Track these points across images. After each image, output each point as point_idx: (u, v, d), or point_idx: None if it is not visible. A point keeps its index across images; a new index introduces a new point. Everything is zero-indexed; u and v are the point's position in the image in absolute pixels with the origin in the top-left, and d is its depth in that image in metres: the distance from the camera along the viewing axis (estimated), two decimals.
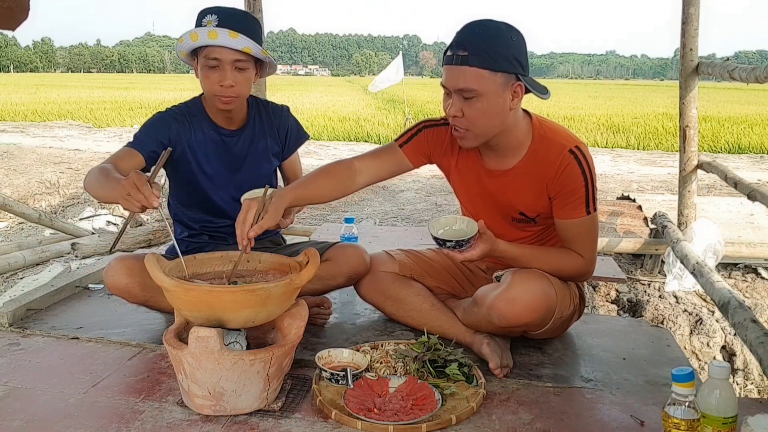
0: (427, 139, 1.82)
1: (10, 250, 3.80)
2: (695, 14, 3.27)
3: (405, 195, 6.25)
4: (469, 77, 1.53)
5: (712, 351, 3.01)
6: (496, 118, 1.59)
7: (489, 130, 1.62)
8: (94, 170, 1.65)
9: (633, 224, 3.93)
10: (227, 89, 1.78)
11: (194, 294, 1.36)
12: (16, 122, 14.40)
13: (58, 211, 5.47)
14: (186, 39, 1.75)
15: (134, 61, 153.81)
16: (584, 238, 1.69)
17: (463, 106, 1.57)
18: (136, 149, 1.78)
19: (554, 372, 1.71)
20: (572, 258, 1.70)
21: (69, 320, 2.04)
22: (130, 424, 1.38)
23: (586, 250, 1.70)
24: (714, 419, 1.18)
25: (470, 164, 1.79)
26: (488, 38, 1.53)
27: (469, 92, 1.54)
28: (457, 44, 1.55)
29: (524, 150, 1.69)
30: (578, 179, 1.63)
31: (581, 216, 1.66)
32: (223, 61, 1.75)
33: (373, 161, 1.81)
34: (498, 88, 1.54)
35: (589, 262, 1.71)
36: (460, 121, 1.60)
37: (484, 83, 1.53)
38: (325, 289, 1.97)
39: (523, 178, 1.70)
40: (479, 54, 1.51)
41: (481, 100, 1.55)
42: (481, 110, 1.56)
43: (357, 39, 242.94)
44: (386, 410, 1.41)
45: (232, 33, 1.72)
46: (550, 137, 1.67)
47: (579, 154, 1.63)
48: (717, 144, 11.74)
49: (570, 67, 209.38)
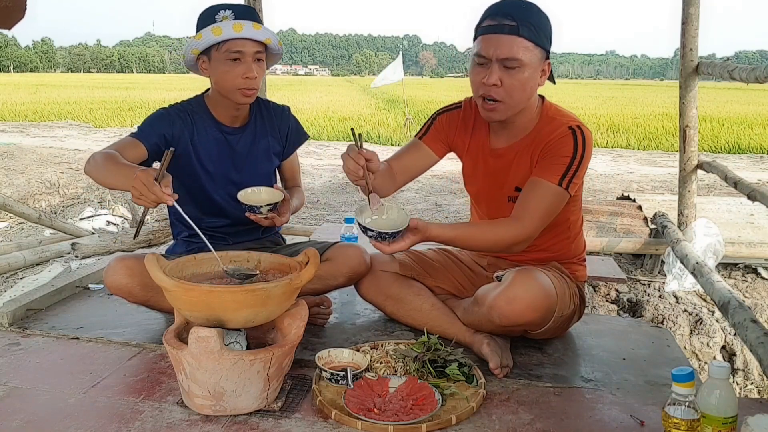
0: (442, 125, 1.87)
1: (10, 250, 3.80)
2: (695, 14, 3.27)
3: (405, 195, 6.25)
4: (517, 47, 1.57)
5: (712, 351, 3.01)
6: (529, 91, 1.64)
7: (520, 103, 1.65)
8: (98, 155, 1.64)
9: (633, 224, 3.93)
10: (252, 81, 1.80)
11: (194, 294, 1.36)
12: (16, 122, 14.41)
13: (58, 211, 5.46)
14: (206, 35, 1.76)
15: (134, 61, 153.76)
16: (537, 205, 1.62)
17: (503, 76, 1.60)
18: (140, 140, 1.79)
19: (554, 372, 1.71)
20: (507, 227, 1.63)
21: (69, 320, 2.04)
22: (130, 424, 1.38)
23: (531, 217, 1.62)
24: (714, 419, 1.18)
25: (478, 145, 1.83)
26: (534, 13, 1.59)
27: (514, 62, 1.58)
28: (504, 14, 1.58)
29: (530, 129, 1.73)
30: (567, 149, 1.63)
31: (550, 181, 1.62)
32: (246, 54, 1.78)
33: (403, 159, 1.87)
34: (536, 61, 1.60)
35: (525, 229, 1.62)
36: (497, 91, 1.62)
37: (529, 55, 1.58)
38: (325, 289, 1.97)
39: (522, 155, 1.73)
40: (527, 26, 1.57)
41: (522, 71, 1.59)
42: (520, 81, 1.60)
43: (357, 39, 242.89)
44: (386, 410, 1.41)
45: (255, 24, 1.77)
46: (555, 117, 1.71)
47: (578, 131, 1.65)
48: (717, 144, 11.74)
49: (570, 67, 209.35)
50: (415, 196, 6.18)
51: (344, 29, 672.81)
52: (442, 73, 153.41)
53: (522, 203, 1.65)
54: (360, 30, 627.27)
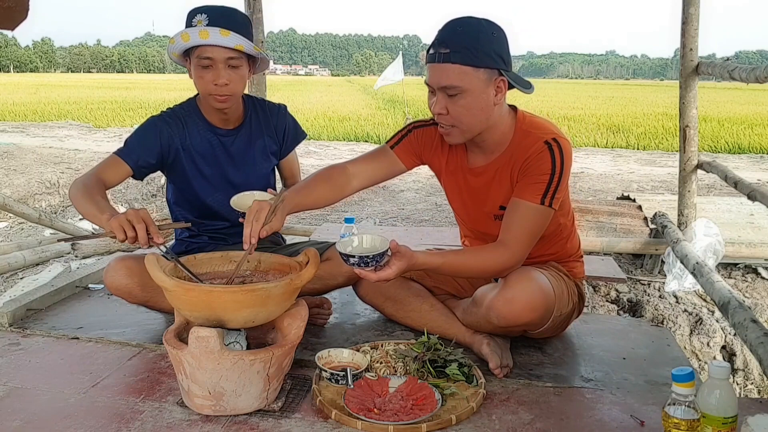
0: (417, 139, 1.82)
1: (10, 250, 3.80)
2: (695, 14, 3.27)
3: (405, 195, 6.25)
4: (451, 74, 1.53)
5: (712, 351, 3.00)
6: (480, 113, 1.59)
7: (474, 126, 1.61)
8: (78, 183, 1.66)
9: (633, 224, 3.93)
10: (222, 88, 1.77)
11: (194, 294, 1.36)
12: (16, 122, 14.41)
13: (58, 211, 5.47)
14: (177, 40, 1.74)
15: (134, 61, 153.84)
16: (522, 228, 1.60)
17: (447, 104, 1.57)
18: (123, 158, 1.78)
19: (554, 372, 1.71)
20: (495, 254, 1.61)
21: (69, 320, 2.04)
22: (130, 424, 1.38)
23: (518, 241, 1.60)
24: (714, 419, 1.18)
25: (457, 163, 1.79)
26: (469, 35, 1.54)
27: (452, 89, 1.54)
28: (439, 42, 1.55)
29: (506, 145, 1.69)
30: (545, 166, 1.60)
31: (532, 201, 1.60)
32: (216, 60, 1.75)
33: (367, 165, 1.81)
34: (481, 84, 1.55)
35: (513, 255, 1.60)
36: (446, 118, 1.60)
37: (466, 80, 1.53)
38: (325, 289, 1.97)
39: (502, 172, 1.69)
40: (461, 51, 1.52)
41: (464, 96, 1.55)
42: (465, 107, 1.57)
43: (357, 39, 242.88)
44: (386, 410, 1.41)
45: (224, 31, 1.71)
46: (530, 131, 1.66)
47: (554, 145, 1.60)
48: (717, 144, 11.74)
49: (570, 67, 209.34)
50: (415, 196, 6.18)
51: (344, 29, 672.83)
52: None
53: (507, 227, 1.62)
54: (360, 30, 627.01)
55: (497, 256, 1.60)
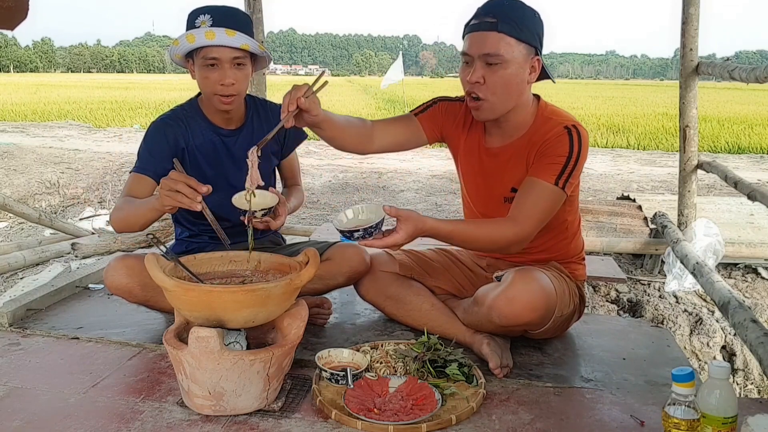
0: (441, 111, 1.86)
1: (10, 250, 3.80)
2: (695, 14, 3.27)
3: (405, 195, 6.25)
4: (496, 43, 1.57)
5: (712, 351, 3.00)
6: (514, 88, 1.63)
7: (506, 101, 1.64)
8: (117, 208, 1.73)
9: (633, 224, 3.93)
10: (228, 87, 1.78)
11: (194, 294, 1.36)
12: (16, 122, 14.40)
13: (58, 211, 5.47)
14: (182, 41, 1.74)
15: (134, 61, 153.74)
16: (534, 205, 1.61)
17: (485, 73, 1.60)
18: (143, 173, 1.80)
19: (554, 372, 1.71)
20: (504, 227, 1.61)
21: (69, 320, 2.04)
22: (130, 424, 1.38)
23: (528, 217, 1.60)
24: (714, 419, 1.18)
25: (474, 144, 1.82)
26: (516, 9, 1.60)
27: (494, 57, 1.57)
28: (485, 12, 1.60)
29: (526, 129, 1.72)
30: (563, 149, 1.63)
31: (547, 180, 1.61)
32: (222, 60, 1.75)
33: (390, 127, 1.83)
34: (521, 58, 1.60)
35: (522, 230, 1.60)
36: (481, 89, 1.62)
37: (509, 50, 1.57)
38: (325, 289, 1.97)
39: (518, 155, 1.72)
40: (508, 22, 1.56)
41: (504, 67, 1.59)
42: (503, 77, 1.60)
43: (357, 39, 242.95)
44: (386, 410, 1.41)
45: (229, 31, 1.72)
46: (551, 117, 1.70)
47: (573, 131, 1.64)
48: (717, 144, 11.74)
49: (570, 67, 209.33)
50: (415, 196, 6.19)
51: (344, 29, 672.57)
52: (442, 73, 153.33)
53: (518, 203, 1.63)
54: (360, 30, 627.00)
55: (506, 230, 1.61)
